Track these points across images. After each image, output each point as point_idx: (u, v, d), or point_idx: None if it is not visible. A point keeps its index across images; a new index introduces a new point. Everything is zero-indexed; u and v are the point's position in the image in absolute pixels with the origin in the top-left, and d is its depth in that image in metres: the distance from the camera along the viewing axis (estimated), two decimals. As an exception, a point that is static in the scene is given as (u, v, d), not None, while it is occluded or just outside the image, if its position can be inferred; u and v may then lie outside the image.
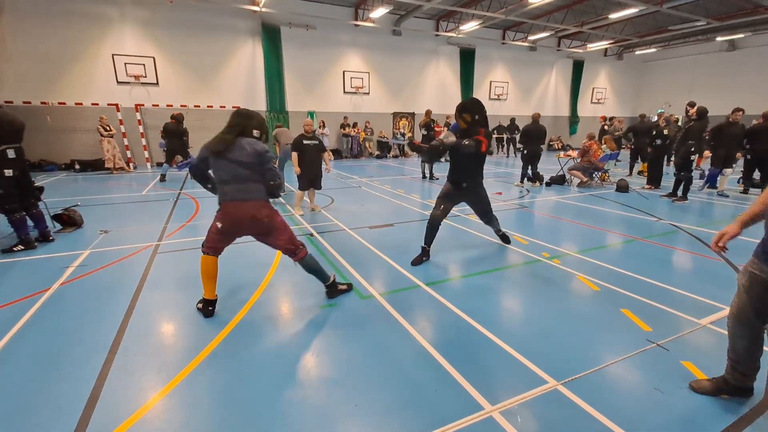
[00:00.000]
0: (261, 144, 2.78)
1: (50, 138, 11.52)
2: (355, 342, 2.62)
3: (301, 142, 5.90)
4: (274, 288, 3.49)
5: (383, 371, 2.31)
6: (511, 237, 4.91)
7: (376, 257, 4.25)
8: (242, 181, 2.72)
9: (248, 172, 2.71)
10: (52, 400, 2.06)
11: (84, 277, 3.70)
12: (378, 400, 2.07)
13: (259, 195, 2.78)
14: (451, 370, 2.29)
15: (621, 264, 4.02)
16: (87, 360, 2.41)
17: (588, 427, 1.87)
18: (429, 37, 16.64)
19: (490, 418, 1.92)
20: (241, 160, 2.69)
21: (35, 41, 11.01)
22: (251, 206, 2.74)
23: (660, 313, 3.00)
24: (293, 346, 2.59)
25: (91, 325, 2.82)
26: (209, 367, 2.34)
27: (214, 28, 13.09)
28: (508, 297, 3.37)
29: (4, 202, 4.32)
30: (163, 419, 1.94)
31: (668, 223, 5.67)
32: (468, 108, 3.73)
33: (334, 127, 15.45)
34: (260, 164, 2.75)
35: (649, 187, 8.58)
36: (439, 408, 2.00)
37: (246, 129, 2.77)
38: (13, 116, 4.38)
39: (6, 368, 2.33)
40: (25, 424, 1.90)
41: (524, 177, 9.08)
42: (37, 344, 2.58)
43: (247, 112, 2.84)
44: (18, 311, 3.01)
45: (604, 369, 2.32)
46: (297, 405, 2.04)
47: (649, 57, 21.56)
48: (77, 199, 7.11)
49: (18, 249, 4.38)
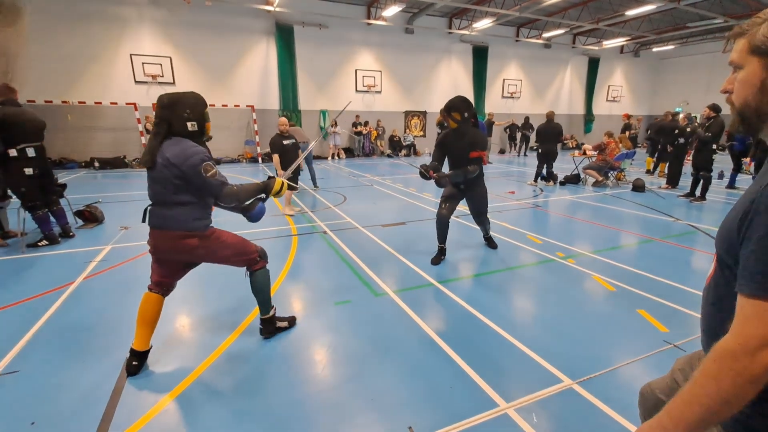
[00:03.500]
0: (180, 148, 2.00)
1: (71, 136, 11.83)
2: (369, 338, 2.65)
3: (281, 143, 5.61)
4: (287, 285, 3.54)
5: (398, 367, 2.33)
6: (525, 236, 4.89)
7: (389, 255, 4.28)
8: (161, 205, 2.09)
9: (167, 192, 2.04)
10: (80, 389, 2.14)
11: (106, 271, 3.81)
12: (394, 395, 2.10)
13: (180, 223, 2.10)
14: (466, 368, 2.31)
15: (637, 264, 3.97)
16: (111, 351, 2.49)
17: (605, 426, 1.87)
18: (442, 34, 16.56)
19: (505, 415, 1.94)
20: (158, 176, 2.02)
21: (57, 42, 11.30)
22: (167, 237, 2.12)
23: (677, 314, 2.96)
24: (309, 342, 2.63)
25: (114, 318, 2.91)
26: (227, 361, 2.40)
27: (229, 28, 13.25)
28: (523, 296, 3.36)
29: (27, 199, 4.46)
30: (184, 411, 2.00)
31: (686, 224, 5.57)
32: (456, 106, 3.73)
33: (345, 126, 15.51)
34: (189, 178, 2.02)
35: (666, 186, 8.43)
36: (454, 404, 2.01)
37: (174, 123, 2.04)
38: (33, 115, 4.50)
39: (35, 357, 2.42)
40: (54, 410, 1.98)
41: (538, 176, 9.00)
42: (63, 335, 2.67)
43: (170, 99, 2.05)
44: (44, 303, 3.12)
45: (620, 369, 2.31)
46: (314, 398, 2.08)
47: (666, 54, 21.10)
48: (98, 196, 7.30)
49: (42, 244, 4.53)
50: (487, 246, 4.53)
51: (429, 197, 7.61)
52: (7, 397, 2.08)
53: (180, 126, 2.05)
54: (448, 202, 3.97)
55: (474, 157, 3.71)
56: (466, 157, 3.76)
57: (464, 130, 3.72)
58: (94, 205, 5.55)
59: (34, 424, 1.89)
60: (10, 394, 2.10)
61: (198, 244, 2.17)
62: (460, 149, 3.76)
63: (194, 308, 3.09)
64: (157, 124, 2.04)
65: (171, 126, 2.03)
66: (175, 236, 2.12)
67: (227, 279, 3.45)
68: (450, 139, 3.81)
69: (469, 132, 3.74)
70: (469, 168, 3.71)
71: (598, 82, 20.69)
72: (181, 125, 2.05)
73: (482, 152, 3.76)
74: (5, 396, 2.08)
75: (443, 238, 4.04)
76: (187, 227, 2.13)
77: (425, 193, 8.02)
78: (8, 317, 2.92)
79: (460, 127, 3.73)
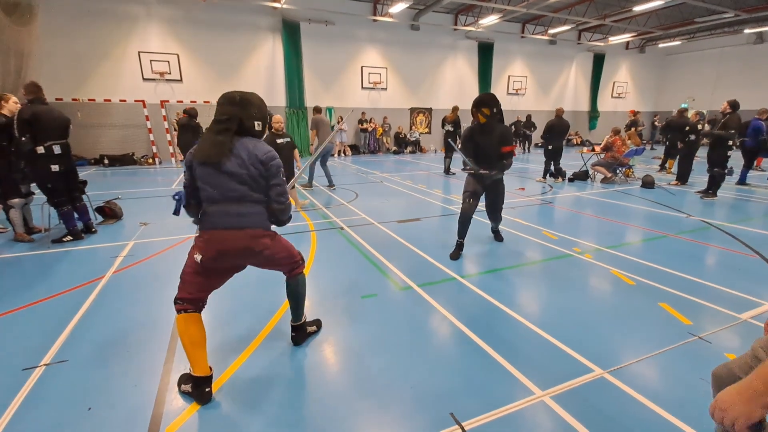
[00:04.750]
0: (265, 147, 2.04)
1: (80, 134, 11.87)
2: (399, 330, 2.73)
3: (275, 142, 5.45)
4: (312, 280, 3.60)
5: (432, 357, 2.41)
6: (540, 232, 4.96)
7: (408, 250, 4.35)
8: (238, 202, 2.00)
9: (246, 188, 2.00)
10: (128, 378, 2.22)
11: (134, 266, 3.89)
12: (432, 383, 2.17)
13: (257, 221, 2.06)
14: (498, 358, 2.38)
15: (654, 259, 4.03)
16: (152, 342, 2.57)
17: (638, 412, 1.94)
18: (447, 31, 16.56)
19: (541, 402, 2.01)
20: (236, 172, 1.95)
21: (67, 40, 11.35)
22: (245, 236, 2.03)
23: (699, 307, 3.03)
24: (341, 334, 2.70)
25: (149, 310, 2.99)
26: (262, 354, 2.47)
27: (236, 25, 13.28)
28: (545, 290, 3.42)
29: (53, 195, 4.54)
30: (230, 400, 2.08)
31: (699, 220, 5.63)
32: (486, 102, 3.79)
33: (351, 123, 15.56)
34: (265, 177, 2.04)
35: (676, 183, 8.47)
36: (491, 392, 2.09)
37: (244, 121, 2.01)
38: (59, 113, 4.57)
39: (80, 348, 2.50)
40: (107, 398, 2.06)
41: (547, 173, 9.05)
42: (104, 326, 2.75)
43: (242, 97, 2.02)
44: (79, 297, 3.20)
45: (648, 359, 2.38)
46: (353, 387, 2.15)
47: (672, 50, 21.05)
48: (112, 192, 7.38)
49: (67, 239, 4.61)
50: (494, 239, 4.65)
51: (439, 193, 7.67)
52: (60, 384, 2.16)
53: (249, 125, 2.03)
54: (473, 197, 4.03)
55: (506, 151, 3.80)
56: (495, 151, 3.83)
57: (492, 125, 3.79)
58: (114, 201, 5.63)
59: (90, 409, 1.97)
60: (62, 382, 2.18)
61: (270, 243, 2.14)
62: (489, 144, 3.82)
63: (225, 302, 3.15)
64: (226, 121, 1.97)
65: (241, 123, 2.01)
66: (253, 235, 2.05)
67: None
68: (477, 134, 3.87)
69: (497, 127, 3.81)
70: (504, 163, 3.81)
71: (603, 78, 20.67)
72: (250, 124, 2.03)
73: (513, 146, 3.83)
74: (58, 384, 2.17)
75: (464, 234, 4.10)
76: (264, 225, 2.10)
77: (435, 189, 8.09)
78: (46, 310, 3.01)
79: (489, 122, 3.79)
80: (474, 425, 1.86)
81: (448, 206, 6.55)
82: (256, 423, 1.90)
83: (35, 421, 1.90)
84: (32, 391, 2.11)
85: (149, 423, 1.89)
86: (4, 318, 2.88)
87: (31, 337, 2.63)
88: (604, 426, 1.85)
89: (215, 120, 1.98)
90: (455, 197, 7.24)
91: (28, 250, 4.35)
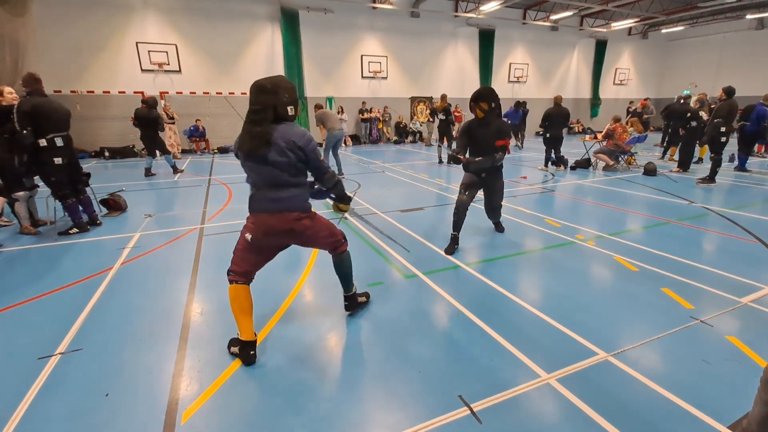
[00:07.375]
0: (300, 130, 2.11)
1: (80, 126, 11.76)
2: (406, 316, 2.77)
3: None
4: (318, 268, 3.64)
5: (439, 342, 2.46)
6: (543, 220, 4.98)
7: (412, 238, 4.38)
8: (277, 188, 2.13)
9: (285, 175, 2.11)
10: (143, 365, 2.27)
11: (141, 257, 3.93)
12: (439, 367, 2.22)
13: (297, 204, 2.20)
14: (504, 342, 2.43)
15: (656, 245, 4.06)
16: (164, 331, 2.62)
17: (643, 393, 1.99)
18: (448, 18, 16.36)
19: (547, 384, 2.06)
20: (277, 160, 2.05)
21: (63, 31, 11.24)
22: (287, 219, 2.19)
23: (700, 292, 3.07)
24: (348, 321, 2.75)
25: (159, 300, 3.04)
26: (273, 343, 2.52)
27: (234, 14, 13.12)
28: (549, 276, 3.46)
29: (57, 188, 4.56)
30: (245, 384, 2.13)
31: (700, 206, 5.65)
32: (484, 96, 3.80)
33: (352, 113, 15.47)
34: (305, 161, 2.15)
35: (677, 170, 8.47)
36: (497, 375, 2.14)
37: (278, 108, 2.05)
38: (59, 104, 4.55)
39: (93, 337, 2.55)
40: (123, 384, 2.11)
41: (548, 161, 9.03)
42: (116, 316, 2.80)
43: (272, 84, 2.05)
44: (88, 288, 3.25)
45: (651, 342, 2.42)
46: (362, 372, 2.20)
47: (674, 36, 20.81)
48: (115, 185, 7.39)
49: (73, 232, 4.64)
50: (495, 230, 4.64)
51: (442, 183, 7.68)
52: (77, 372, 2.21)
53: (283, 111, 2.07)
54: (469, 190, 4.04)
55: (500, 145, 3.80)
56: (491, 145, 3.83)
57: (490, 119, 3.80)
58: (118, 193, 5.65)
59: (108, 395, 2.02)
60: (78, 369, 2.23)
61: (310, 224, 2.28)
62: (485, 138, 3.82)
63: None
64: (261, 111, 2.03)
65: (276, 111, 2.05)
66: (293, 218, 2.19)
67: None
68: (475, 127, 3.88)
69: (495, 121, 3.82)
70: (495, 155, 3.80)
71: (605, 65, 20.49)
72: (284, 110, 2.08)
73: (507, 140, 3.85)
74: (75, 371, 2.22)
75: (458, 227, 4.04)
76: (303, 208, 2.23)
77: (438, 179, 8.09)
78: (57, 301, 3.05)
79: (487, 116, 3.80)
80: (482, 407, 1.91)
81: (451, 195, 6.56)
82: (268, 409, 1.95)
83: (54, 408, 1.95)
84: (49, 378, 2.16)
85: (167, 407, 1.94)
86: (16, 309, 2.93)
87: (44, 327, 2.67)
88: (610, 407, 1.90)
89: (251, 110, 2.06)
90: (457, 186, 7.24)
91: (35, 243, 4.38)
